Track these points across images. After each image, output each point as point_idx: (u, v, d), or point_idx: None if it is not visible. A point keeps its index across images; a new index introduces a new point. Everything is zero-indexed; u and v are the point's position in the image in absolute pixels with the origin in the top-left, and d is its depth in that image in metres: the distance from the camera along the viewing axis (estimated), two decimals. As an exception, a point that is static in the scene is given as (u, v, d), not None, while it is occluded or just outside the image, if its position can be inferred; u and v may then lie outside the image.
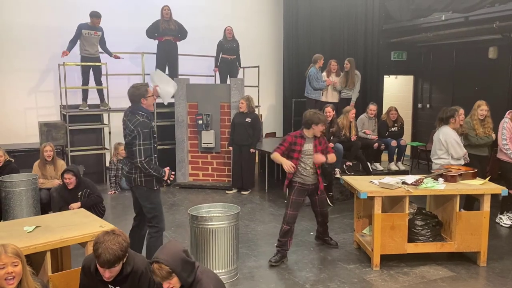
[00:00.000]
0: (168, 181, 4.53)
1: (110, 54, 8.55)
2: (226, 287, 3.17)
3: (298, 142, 4.98)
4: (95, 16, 8.23)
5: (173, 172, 4.58)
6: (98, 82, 8.52)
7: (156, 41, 8.84)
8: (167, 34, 8.73)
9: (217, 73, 9.43)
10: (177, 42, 8.95)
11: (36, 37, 8.74)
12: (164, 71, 8.84)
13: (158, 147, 8.40)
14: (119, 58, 8.58)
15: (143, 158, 4.24)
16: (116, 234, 2.85)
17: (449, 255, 5.04)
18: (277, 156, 4.99)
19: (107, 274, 2.82)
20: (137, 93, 4.37)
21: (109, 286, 3.00)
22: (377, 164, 8.25)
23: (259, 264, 4.99)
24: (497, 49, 8.54)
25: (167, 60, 8.85)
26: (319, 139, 5.08)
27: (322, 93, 8.76)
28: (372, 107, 8.23)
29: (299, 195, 5.04)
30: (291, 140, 5.01)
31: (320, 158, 4.95)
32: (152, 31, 8.75)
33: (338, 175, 7.22)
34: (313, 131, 4.98)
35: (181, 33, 8.93)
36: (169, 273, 2.68)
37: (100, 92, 8.63)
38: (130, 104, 4.45)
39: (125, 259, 2.88)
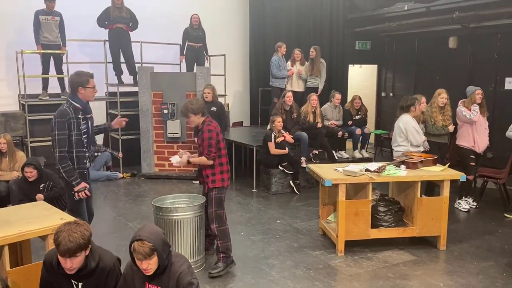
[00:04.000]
0: (76, 195, 4.07)
1: (63, 43, 8.13)
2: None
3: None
4: None
5: (88, 193, 4.14)
6: (59, 70, 8.24)
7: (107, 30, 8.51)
8: (118, 22, 8.39)
9: (184, 62, 9.30)
10: (131, 32, 8.63)
11: (-9, 24, 8.36)
12: (118, 60, 8.64)
13: (123, 137, 8.48)
14: (64, 53, 8.11)
15: (58, 150, 4.01)
16: (78, 224, 2.80)
17: (411, 240, 5.20)
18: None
19: (68, 265, 2.75)
20: (76, 80, 4.09)
21: (72, 281, 2.93)
22: (342, 152, 8.40)
23: (225, 253, 4.99)
24: (457, 39, 8.78)
25: (120, 47, 8.57)
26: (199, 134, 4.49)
27: (287, 82, 8.80)
28: (338, 96, 8.34)
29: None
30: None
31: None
32: (103, 19, 8.40)
33: (304, 164, 7.30)
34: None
35: (133, 22, 8.57)
36: (152, 250, 2.68)
37: (60, 81, 8.35)
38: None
39: (87, 252, 2.81)
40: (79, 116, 4.08)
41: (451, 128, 6.42)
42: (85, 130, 4.15)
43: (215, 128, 4.41)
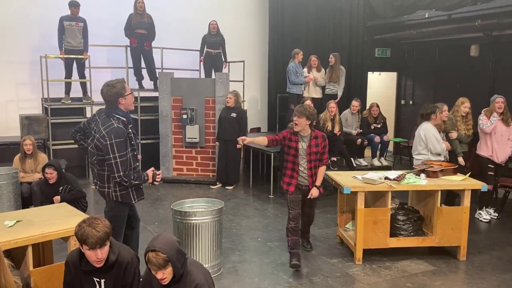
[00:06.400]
0: (155, 182, 3.94)
1: (85, 49, 8.28)
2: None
3: (293, 138, 4.69)
4: (73, 5, 8.05)
5: (158, 172, 3.98)
6: (82, 75, 8.40)
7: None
8: (138, 28, 8.48)
9: (202, 68, 9.38)
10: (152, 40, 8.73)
11: (16, 29, 8.56)
12: (139, 65, 8.77)
13: (142, 141, 8.57)
14: (86, 58, 8.25)
15: (121, 173, 3.66)
16: (95, 217, 2.88)
17: (430, 249, 5.13)
18: (257, 139, 5.04)
19: (99, 255, 2.81)
20: (113, 91, 3.70)
21: (94, 279, 2.98)
22: (361, 160, 8.33)
23: (243, 259, 5.01)
24: (479, 47, 8.67)
25: (141, 53, 8.68)
26: (316, 138, 4.70)
27: (304, 88, 8.81)
28: (355, 103, 8.31)
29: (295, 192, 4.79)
30: (285, 134, 4.76)
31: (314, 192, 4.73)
32: (128, 28, 8.52)
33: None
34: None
35: (151, 29, 8.63)
36: (166, 261, 2.68)
37: (83, 85, 8.52)
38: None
39: (109, 242, 2.88)
40: (129, 130, 3.78)
41: (454, 135, 6.29)
42: (133, 143, 3.85)
43: None
